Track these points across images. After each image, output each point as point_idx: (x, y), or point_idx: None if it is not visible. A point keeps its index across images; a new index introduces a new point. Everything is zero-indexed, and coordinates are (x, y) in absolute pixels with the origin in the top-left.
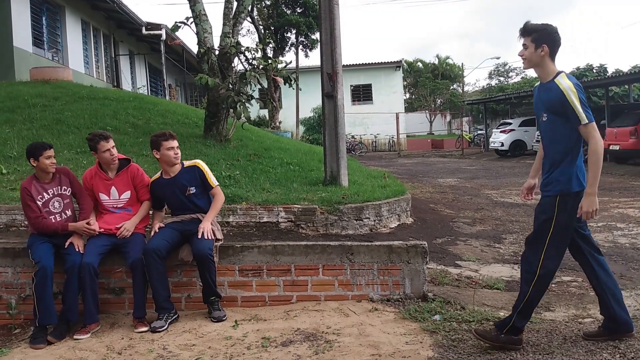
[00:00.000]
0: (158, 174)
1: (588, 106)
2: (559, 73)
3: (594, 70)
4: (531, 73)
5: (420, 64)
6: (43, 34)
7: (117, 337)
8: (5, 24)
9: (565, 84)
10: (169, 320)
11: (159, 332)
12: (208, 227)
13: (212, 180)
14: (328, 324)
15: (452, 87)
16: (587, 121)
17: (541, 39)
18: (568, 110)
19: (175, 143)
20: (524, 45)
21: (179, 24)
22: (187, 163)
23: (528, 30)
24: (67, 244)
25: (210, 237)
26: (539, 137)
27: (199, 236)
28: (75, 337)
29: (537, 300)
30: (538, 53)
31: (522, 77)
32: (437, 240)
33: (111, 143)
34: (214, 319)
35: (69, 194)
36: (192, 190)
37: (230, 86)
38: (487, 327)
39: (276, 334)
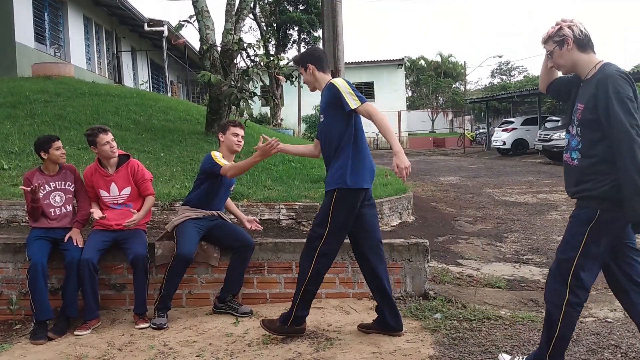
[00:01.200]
0: (220, 157)
1: (359, 93)
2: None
3: None
4: (534, 72)
5: (422, 62)
6: (45, 29)
7: (118, 333)
8: (7, 20)
9: (337, 79)
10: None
11: (163, 329)
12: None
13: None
14: (329, 322)
15: (454, 86)
16: (360, 103)
17: (304, 61)
18: (341, 100)
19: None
20: (300, 74)
21: (183, 23)
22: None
23: (297, 62)
24: (66, 238)
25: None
26: (541, 136)
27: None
28: (75, 333)
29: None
30: (309, 73)
31: (524, 76)
32: (438, 238)
33: (110, 136)
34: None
35: (72, 189)
36: (232, 188)
37: (233, 83)
38: None
39: None
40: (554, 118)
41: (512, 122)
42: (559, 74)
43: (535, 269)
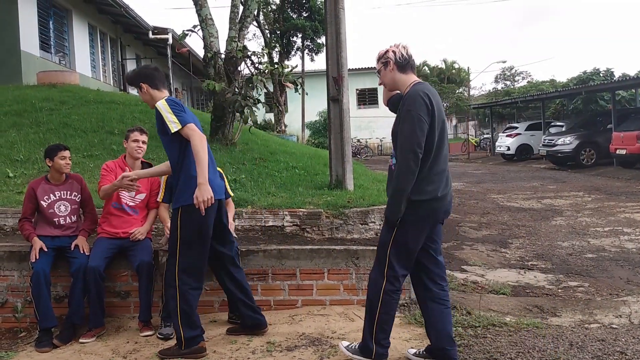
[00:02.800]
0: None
1: (183, 113)
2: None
3: (601, 74)
4: (537, 77)
5: (426, 68)
6: (50, 37)
7: (123, 341)
8: (12, 28)
9: (160, 102)
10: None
11: (170, 338)
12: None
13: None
14: (333, 329)
15: (458, 91)
16: (180, 126)
17: (137, 81)
18: (164, 124)
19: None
20: (138, 92)
21: (187, 32)
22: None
23: (130, 83)
24: (72, 246)
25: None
26: (545, 141)
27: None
28: (80, 340)
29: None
30: (144, 92)
31: (528, 81)
32: (442, 244)
33: (144, 137)
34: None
35: (77, 200)
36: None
37: (237, 90)
38: None
39: (281, 339)
40: (558, 123)
41: (516, 128)
42: None
43: (540, 275)
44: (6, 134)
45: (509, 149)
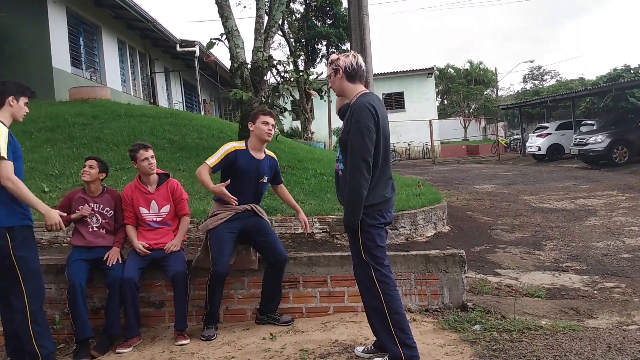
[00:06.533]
0: (241, 145)
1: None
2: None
3: (632, 71)
4: (566, 76)
5: (452, 70)
6: (81, 54)
7: (158, 350)
8: (44, 46)
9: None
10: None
11: (212, 339)
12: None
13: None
14: (366, 335)
15: (485, 92)
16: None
17: (4, 94)
18: None
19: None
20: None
21: (214, 41)
22: (266, 151)
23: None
24: (107, 259)
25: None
26: (577, 140)
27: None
28: (117, 350)
29: None
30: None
31: (557, 80)
32: (475, 248)
33: (150, 152)
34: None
35: (109, 216)
36: (265, 179)
37: (263, 99)
38: None
39: (314, 346)
40: (589, 122)
41: (547, 127)
42: None
43: (576, 277)
44: (41, 149)
45: (539, 149)
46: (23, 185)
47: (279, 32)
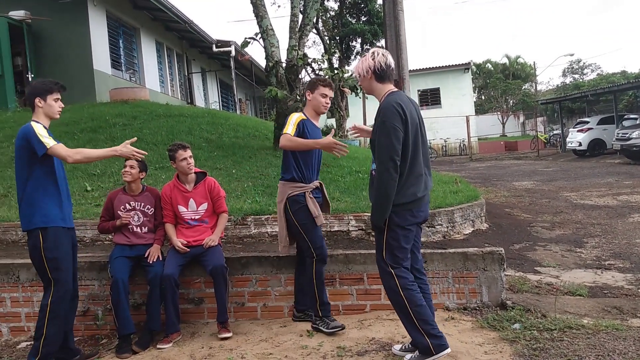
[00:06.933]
0: (302, 115)
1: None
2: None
3: None
4: (607, 69)
5: (489, 65)
6: (120, 56)
7: (198, 346)
8: (85, 49)
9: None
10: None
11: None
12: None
13: None
14: (403, 334)
15: (524, 87)
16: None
17: (31, 97)
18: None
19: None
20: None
21: (249, 40)
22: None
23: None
24: (147, 256)
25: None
26: (619, 135)
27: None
28: (158, 346)
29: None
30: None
31: (597, 74)
32: (514, 246)
33: (189, 152)
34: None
35: (150, 213)
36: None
37: (298, 98)
38: None
39: (351, 344)
40: (632, 116)
41: (588, 122)
42: None
43: (619, 275)
44: None
45: (580, 144)
46: (84, 151)
47: (314, 30)
